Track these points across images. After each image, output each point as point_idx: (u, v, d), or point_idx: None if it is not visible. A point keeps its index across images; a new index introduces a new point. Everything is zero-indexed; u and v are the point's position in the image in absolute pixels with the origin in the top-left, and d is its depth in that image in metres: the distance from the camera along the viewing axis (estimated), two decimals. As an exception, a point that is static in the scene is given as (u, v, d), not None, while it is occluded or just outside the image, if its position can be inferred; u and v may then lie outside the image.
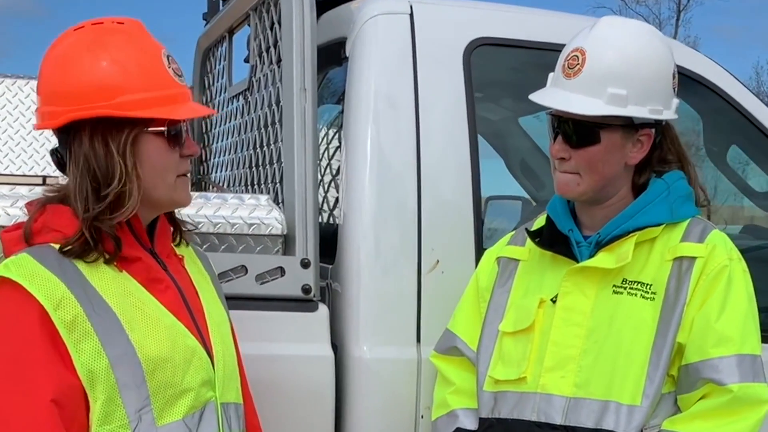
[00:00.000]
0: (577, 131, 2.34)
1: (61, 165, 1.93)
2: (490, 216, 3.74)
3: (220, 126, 4.02)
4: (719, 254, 2.32)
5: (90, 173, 1.85)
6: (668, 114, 2.38)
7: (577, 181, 2.36)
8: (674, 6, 33.72)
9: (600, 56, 2.33)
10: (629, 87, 2.30)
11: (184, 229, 2.13)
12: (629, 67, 2.31)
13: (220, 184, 3.92)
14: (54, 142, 1.95)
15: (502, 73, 3.39)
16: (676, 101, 2.42)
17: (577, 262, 2.38)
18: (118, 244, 1.87)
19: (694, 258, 2.31)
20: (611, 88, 2.30)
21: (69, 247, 1.83)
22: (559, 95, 2.36)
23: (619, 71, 2.31)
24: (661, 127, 2.41)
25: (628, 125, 2.35)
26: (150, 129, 1.90)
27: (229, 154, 3.79)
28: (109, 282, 1.87)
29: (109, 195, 1.85)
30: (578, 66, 2.34)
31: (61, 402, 1.75)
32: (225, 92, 3.92)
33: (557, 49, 2.46)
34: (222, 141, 3.97)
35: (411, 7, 2.92)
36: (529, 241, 2.52)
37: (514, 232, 2.66)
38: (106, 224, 1.85)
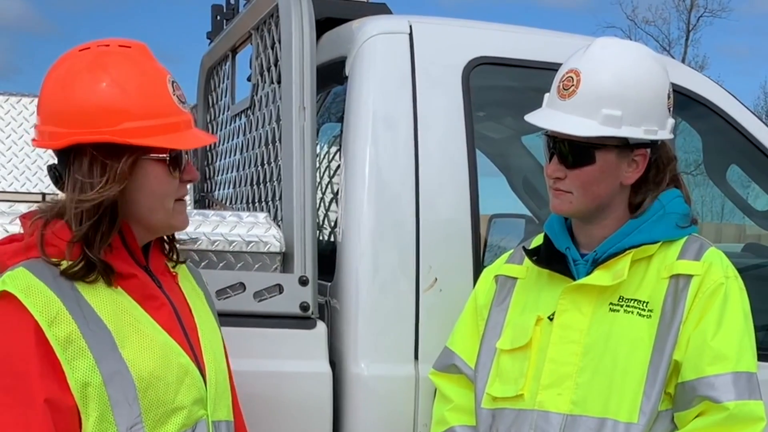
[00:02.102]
0: (572, 152, 2.35)
1: (57, 182, 1.94)
2: (494, 234, 3.75)
3: (223, 144, 4.04)
4: (715, 272, 2.32)
5: (89, 196, 1.85)
6: (663, 134, 2.39)
7: (570, 199, 2.37)
8: (683, 26, 33.70)
9: (594, 77, 2.34)
10: (624, 108, 2.31)
11: (178, 246, 2.13)
12: (624, 88, 2.32)
13: (223, 202, 3.94)
14: (54, 159, 1.96)
15: (501, 92, 3.41)
16: (671, 121, 2.42)
17: (574, 280, 2.39)
18: (105, 268, 1.88)
19: (690, 276, 2.31)
20: (606, 109, 2.31)
21: (72, 270, 1.84)
22: (554, 116, 2.38)
23: (613, 92, 2.32)
24: (656, 146, 2.42)
25: (624, 145, 2.36)
26: (152, 156, 1.90)
27: (233, 172, 3.81)
28: (104, 298, 1.87)
29: (102, 219, 1.86)
30: (573, 87, 2.35)
31: (55, 416, 1.76)
32: (228, 110, 3.94)
33: (556, 68, 2.47)
34: (225, 159, 3.99)
35: (410, 27, 2.93)
36: (527, 259, 2.53)
37: (512, 251, 2.67)
38: (97, 249, 1.86)
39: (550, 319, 2.40)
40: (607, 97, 2.31)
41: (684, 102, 3.08)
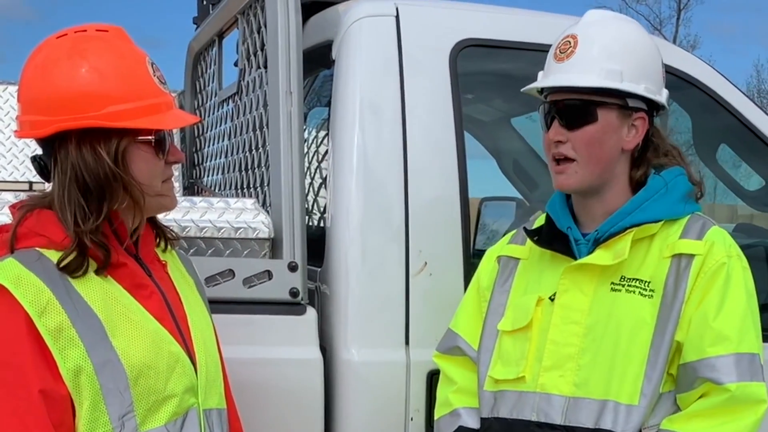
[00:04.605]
0: (574, 111, 2.34)
1: (43, 172, 1.93)
2: (485, 217, 3.74)
3: (211, 130, 4.02)
4: (718, 251, 2.30)
5: (78, 183, 1.85)
6: (661, 99, 2.40)
7: (575, 169, 2.35)
8: (675, 5, 33.59)
9: (593, 37, 2.36)
10: (624, 64, 2.33)
11: (169, 236, 2.13)
12: (622, 45, 2.35)
13: (212, 188, 3.92)
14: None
15: (489, 74, 3.39)
16: (665, 91, 2.43)
17: (576, 260, 2.37)
18: (107, 254, 1.87)
19: (692, 255, 2.29)
20: (606, 63, 2.32)
21: (65, 262, 1.83)
22: (553, 76, 2.38)
23: (613, 49, 2.34)
24: (653, 123, 2.42)
25: (624, 107, 2.36)
26: (138, 138, 1.89)
27: (221, 158, 3.79)
28: (94, 287, 1.87)
29: (104, 206, 1.85)
30: (571, 49, 2.36)
31: (49, 406, 1.76)
32: (215, 96, 3.92)
33: (544, 49, 2.46)
34: (213, 145, 3.98)
35: (397, 9, 2.91)
36: (529, 239, 2.51)
37: (515, 231, 2.63)
38: (98, 235, 1.85)
39: (551, 299, 2.38)
40: (607, 53, 2.33)
41: (674, 82, 3.06)
